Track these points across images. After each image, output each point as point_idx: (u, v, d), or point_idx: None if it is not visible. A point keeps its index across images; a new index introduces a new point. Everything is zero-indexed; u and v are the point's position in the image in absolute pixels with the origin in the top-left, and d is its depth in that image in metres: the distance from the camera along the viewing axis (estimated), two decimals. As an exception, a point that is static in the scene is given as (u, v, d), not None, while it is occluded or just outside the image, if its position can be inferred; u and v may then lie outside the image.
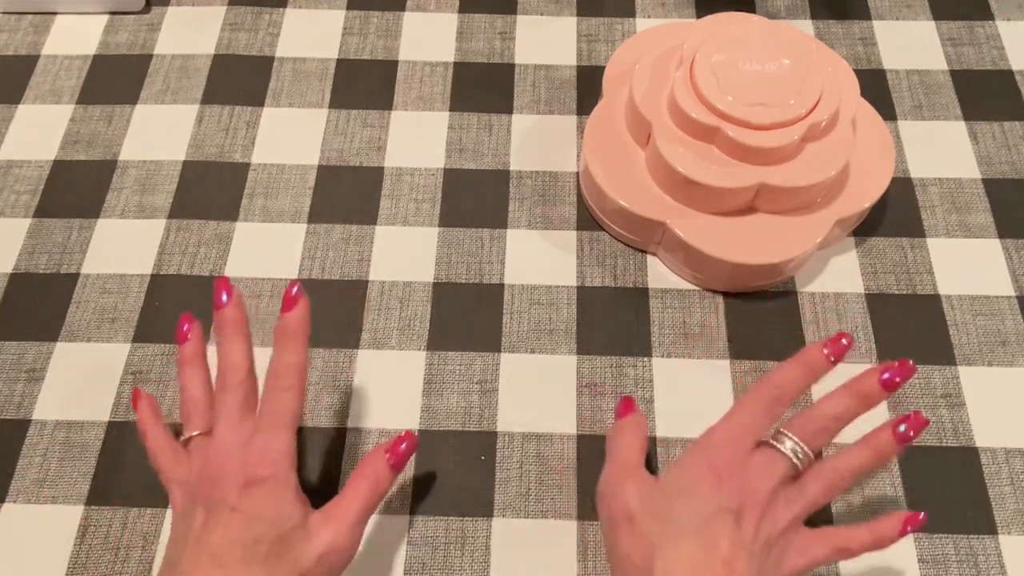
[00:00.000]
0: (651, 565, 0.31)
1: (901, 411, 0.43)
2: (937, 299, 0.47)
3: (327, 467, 0.42)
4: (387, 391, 0.44)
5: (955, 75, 0.55)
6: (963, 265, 0.48)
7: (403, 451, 0.36)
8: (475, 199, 0.50)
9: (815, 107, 0.42)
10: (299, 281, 0.39)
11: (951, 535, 0.40)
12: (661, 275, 0.48)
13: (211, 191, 0.51)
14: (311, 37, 0.57)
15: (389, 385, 0.44)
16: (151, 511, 0.41)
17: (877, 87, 0.55)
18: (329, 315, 0.46)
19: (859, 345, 0.45)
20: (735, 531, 0.31)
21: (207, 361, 0.38)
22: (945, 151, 0.52)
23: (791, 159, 0.43)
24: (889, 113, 0.54)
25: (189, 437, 0.36)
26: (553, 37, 0.57)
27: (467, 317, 0.46)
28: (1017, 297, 0.47)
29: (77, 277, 0.48)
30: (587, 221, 0.50)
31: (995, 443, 0.43)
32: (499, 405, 0.44)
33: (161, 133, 0.53)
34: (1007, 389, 0.44)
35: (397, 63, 0.56)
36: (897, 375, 0.34)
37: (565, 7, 0.59)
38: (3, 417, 0.44)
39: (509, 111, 0.54)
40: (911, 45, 0.57)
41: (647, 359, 0.45)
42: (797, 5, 0.59)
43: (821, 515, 0.41)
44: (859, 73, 0.55)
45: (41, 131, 0.53)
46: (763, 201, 0.44)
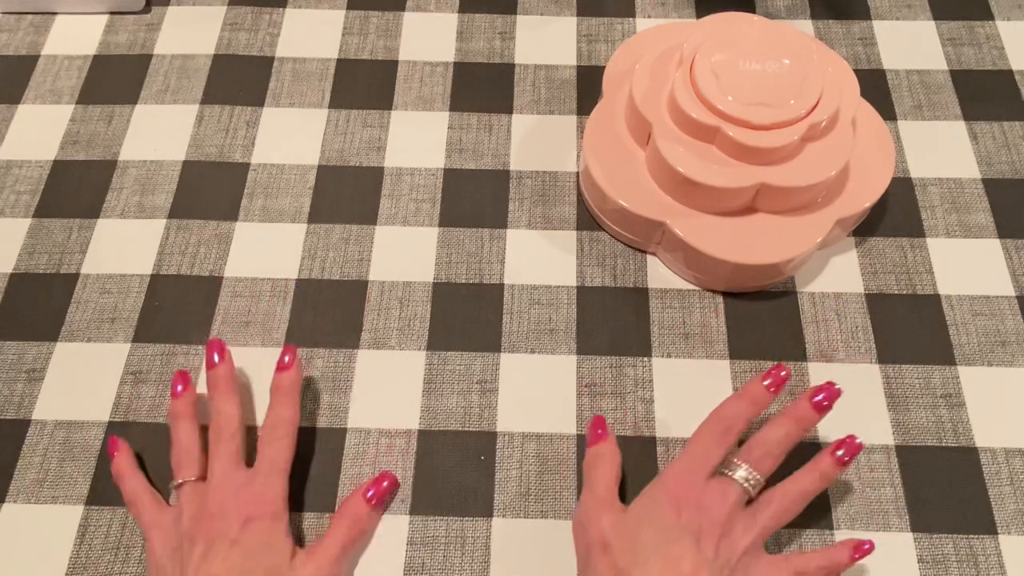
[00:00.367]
0: None
1: (900, 412, 0.43)
2: (937, 299, 0.47)
3: (327, 467, 0.42)
4: (387, 391, 0.44)
5: (955, 75, 0.55)
6: (963, 265, 0.48)
7: (383, 489, 0.40)
8: (475, 199, 0.50)
9: (815, 107, 0.42)
10: (294, 348, 0.42)
11: (951, 535, 0.40)
12: (661, 275, 0.48)
13: (211, 191, 0.51)
14: (311, 37, 0.57)
15: (389, 385, 0.44)
16: (151, 511, 0.41)
17: (877, 87, 0.55)
18: (329, 315, 0.46)
19: (859, 345, 0.45)
20: (695, 551, 0.34)
21: (197, 414, 0.42)
22: (945, 151, 0.52)
23: (791, 159, 0.43)
24: (889, 113, 0.54)
25: (182, 483, 0.39)
26: (553, 37, 0.57)
27: (467, 317, 0.46)
28: (1017, 297, 0.47)
29: (77, 277, 0.48)
30: (587, 221, 0.50)
31: (995, 443, 0.43)
32: (499, 405, 0.44)
33: (161, 133, 0.53)
34: (1007, 389, 0.44)
35: (397, 63, 0.56)
36: (826, 399, 0.38)
37: (565, 7, 0.59)
38: (3, 417, 0.44)
39: (509, 111, 0.54)
40: (911, 45, 0.57)
41: (647, 359, 0.45)
42: (797, 5, 0.59)
43: (821, 516, 0.41)
44: (859, 73, 0.55)
45: (41, 131, 0.53)
46: (763, 201, 0.44)
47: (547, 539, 0.40)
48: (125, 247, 0.49)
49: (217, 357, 0.42)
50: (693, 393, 0.44)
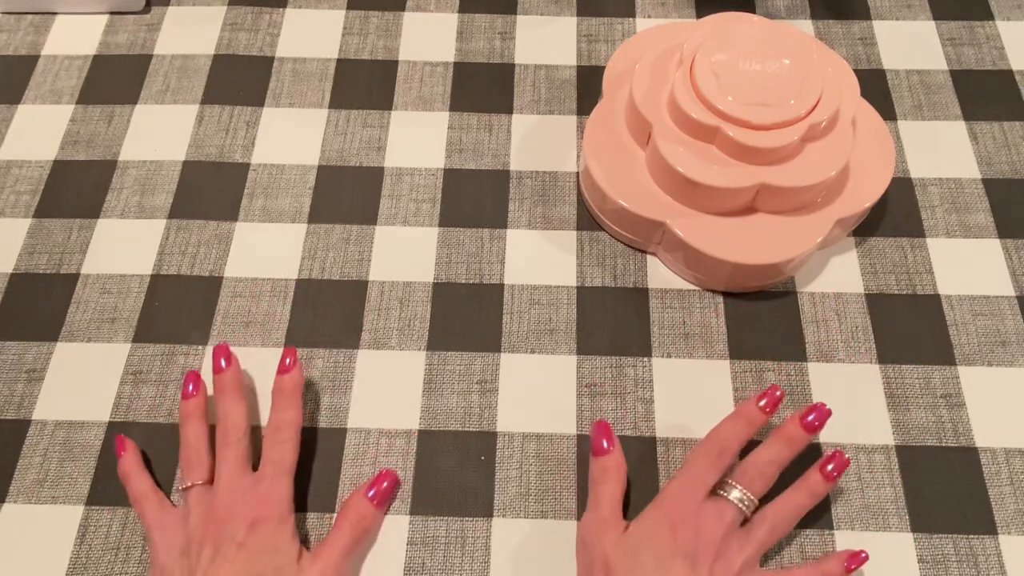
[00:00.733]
0: None
1: (900, 412, 0.43)
2: (937, 299, 0.47)
3: (327, 467, 0.42)
4: (387, 391, 0.44)
5: (955, 75, 0.55)
6: (963, 265, 0.48)
7: (385, 488, 0.40)
8: (475, 199, 0.50)
9: (815, 107, 0.42)
10: (295, 350, 0.42)
11: (951, 535, 0.40)
12: (661, 275, 0.48)
13: (211, 191, 0.51)
14: (311, 37, 0.57)
15: (389, 385, 0.44)
16: (151, 511, 0.41)
17: (877, 87, 0.55)
18: (329, 315, 0.46)
19: (859, 345, 0.45)
20: (690, 574, 0.35)
21: (207, 416, 0.42)
22: (945, 151, 0.52)
23: (791, 159, 0.43)
24: (889, 113, 0.54)
25: (190, 486, 0.39)
26: (553, 37, 0.57)
27: (467, 317, 0.46)
28: (1017, 297, 0.47)
29: (77, 277, 0.48)
30: (587, 221, 0.50)
31: (995, 443, 0.43)
32: (499, 405, 0.44)
33: (161, 133, 0.53)
34: (1007, 389, 0.44)
35: (397, 63, 0.56)
36: (816, 419, 0.38)
37: (565, 7, 0.59)
38: (3, 417, 0.44)
39: (509, 111, 0.54)
40: (911, 45, 0.57)
41: (647, 359, 0.45)
42: (797, 5, 0.59)
43: (822, 517, 0.41)
44: (859, 73, 0.55)
45: (41, 131, 0.53)
46: (763, 201, 0.44)
47: (547, 539, 0.40)
48: (125, 247, 0.49)
49: (224, 362, 0.42)
50: (693, 393, 0.44)
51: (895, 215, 0.50)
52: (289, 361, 0.42)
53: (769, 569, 0.38)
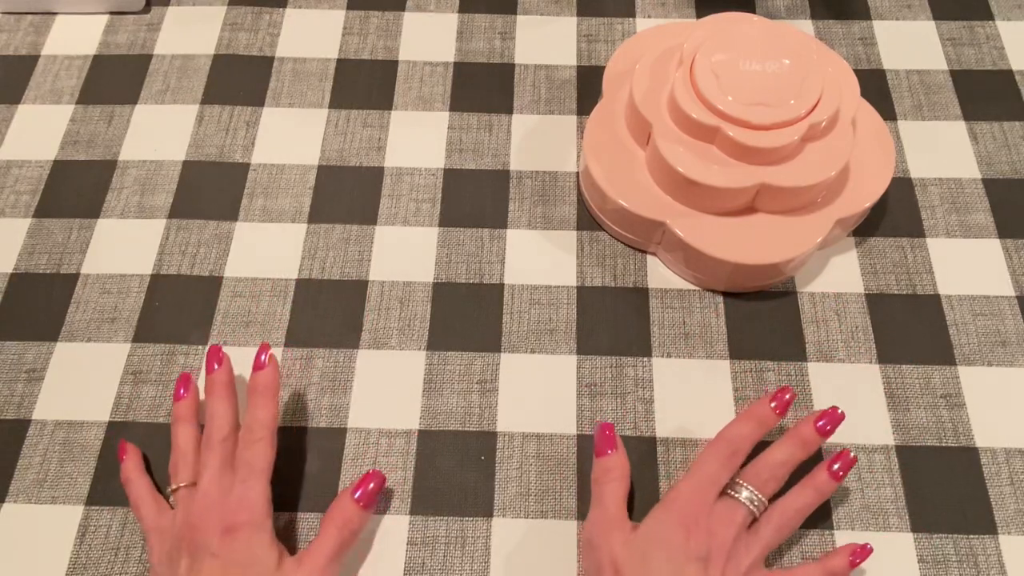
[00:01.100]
0: None
1: (900, 412, 0.43)
2: (937, 299, 0.47)
3: (327, 467, 0.42)
4: (387, 391, 0.44)
5: (955, 75, 0.55)
6: (963, 265, 0.48)
7: (371, 490, 0.39)
8: (475, 199, 0.50)
9: (815, 107, 0.42)
10: (267, 345, 0.41)
11: (951, 535, 0.40)
12: (661, 275, 0.48)
13: (211, 191, 0.51)
14: (311, 37, 0.57)
15: (389, 385, 0.44)
16: (151, 511, 0.41)
17: (877, 87, 0.55)
18: (329, 315, 0.46)
19: (859, 345, 0.45)
20: None
21: (199, 418, 0.41)
22: (945, 151, 0.52)
23: (791, 159, 0.43)
24: (889, 113, 0.54)
25: (176, 488, 0.38)
26: (553, 37, 0.57)
27: (467, 317, 0.46)
28: (1017, 297, 0.47)
29: (77, 277, 0.48)
30: (587, 221, 0.50)
31: (995, 443, 0.43)
32: (499, 405, 0.44)
33: (161, 133, 0.53)
34: (1007, 389, 0.44)
35: (397, 63, 0.56)
36: (829, 423, 0.38)
37: (565, 7, 0.59)
38: (3, 417, 0.44)
39: (509, 111, 0.54)
40: (911, 45, 0.57)
41: (647, 359, 0.45)
42: (797, 5, 0.59)
43: (822, 517, 0.41)
44: (859, 73, 0.55)
45: (41, 131, 0.53)
46: (763, 201, 0.44)
47: (547, 539, 0.40)
48: (125, 247, 0.49)
49: (217, 364, 0.41)
50: (693, 393, 0.44)
51: (895, 215, 0.50)
52: (264, 358, 0.41)
53: (772, 570, 0.38)
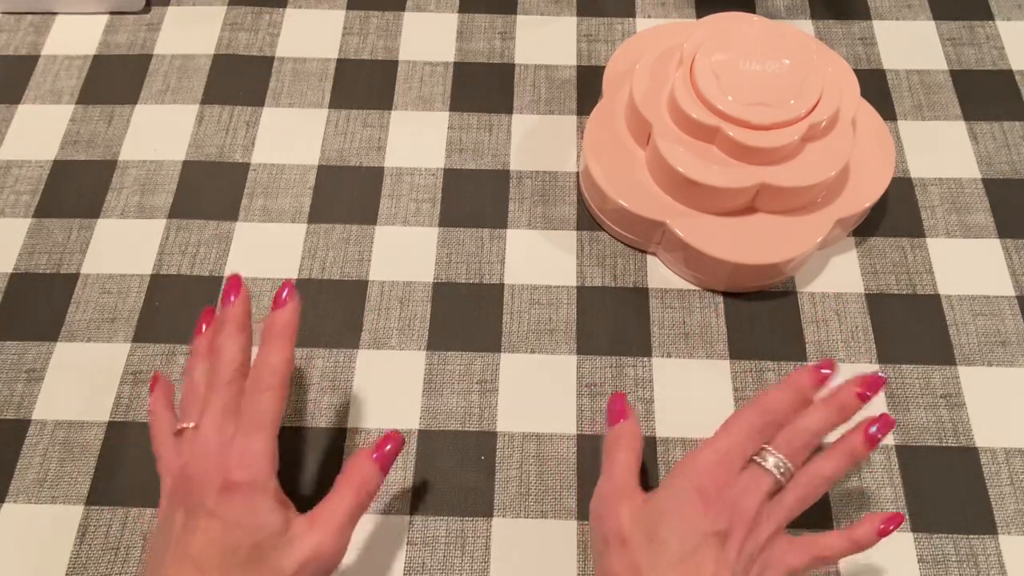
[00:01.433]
0: None
1: (900, 412, 0.43)
2: (937, 299, 0.47)
3: (327, 467, 0.42)
4: (387, 391, 0.44)
5: (955, 75, 0.55)
6: (963, 265, 0.48)
7: (389, 452, 0.35)
8: (475, 199, 0.50)
9: (815, 107, 0.42)
10: (292, 282, 0.39)
11: (951, 535, 0.40)
12: (661, 275, 0.48)
13: (211, 191, 0.51)
14: (311, 37, 0.57)
15: (389, 385, 0.44)
16: (151, 511, 0.41)
17: (877, 87, 0.55)
18: (329, 315, 0.46)
19: (859, 345, 0.45)
20: (719, 555, 0.32)
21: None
22: (945, 151, 0.52)
23: (791, 159, 0.43)
24: (889, 113, 0.54)
25: (183, 428, 0.35)
26: (553, 37, 0.57)
27: (467, 317, 0.46)
28: (1017, 297, 0.47)
29: (77, 277, 0.48)
30: (587, 221, 0.50)
31: (995, 443, 0.43)
32: (499, 405, 0.44)
33: (161, 133, 0.53)
34: (1007, 389, 0.44)
35: (397, 63, 0.56)
36: (870, 390, 0.35)
37: (565, 7, 0.59)
38: (3, 417, 0.44)
39: (509, 111, 0.54)
40: (911, 45, 0.57)
41: (647, 359, 0.45)
42: (797, 5, 0.59)
43: (822, 517, 0.41)
44: (859, 73, 0.55)
45: (41, 131, 0.53)
46: (763, 201, 0.44)
47: (547, 539, 0.40)
48: (125, 247, 0.49)
49: (234, 296, 0.37)
50: (693, 393, 0.44)
51: (895, 215, 0.50)
52: (285, 295, 0.36)
53: (795, 535, 0.35)
